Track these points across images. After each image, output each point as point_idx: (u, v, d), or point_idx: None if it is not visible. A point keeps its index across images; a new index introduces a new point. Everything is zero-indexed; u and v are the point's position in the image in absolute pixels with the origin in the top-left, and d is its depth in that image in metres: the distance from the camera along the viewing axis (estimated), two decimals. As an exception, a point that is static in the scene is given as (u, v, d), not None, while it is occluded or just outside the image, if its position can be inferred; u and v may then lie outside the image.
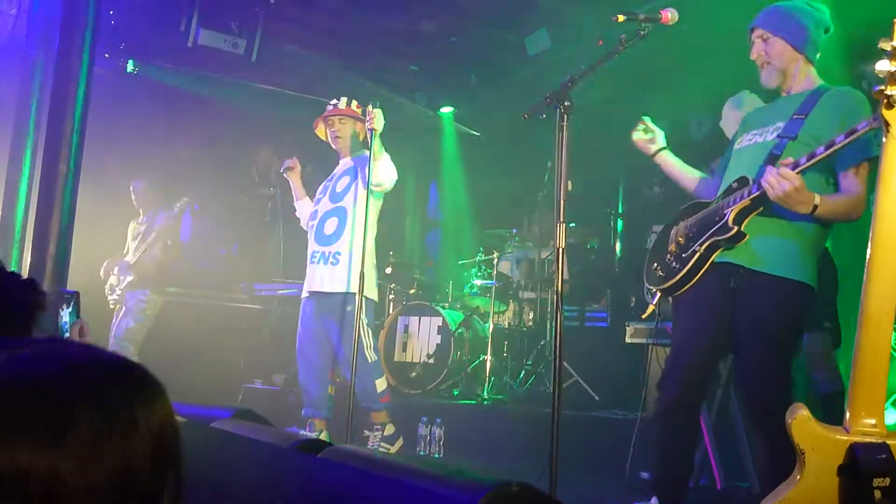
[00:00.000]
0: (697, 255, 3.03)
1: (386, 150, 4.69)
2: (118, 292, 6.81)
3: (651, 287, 3.30)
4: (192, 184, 4.98)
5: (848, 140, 2.58)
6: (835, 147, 2.63)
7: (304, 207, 5.22)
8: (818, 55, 3.14)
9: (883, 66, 2.24)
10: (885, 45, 2.22)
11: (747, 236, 2.93)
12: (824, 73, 3.16)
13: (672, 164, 3.48)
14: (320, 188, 5.13)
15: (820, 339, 3.96)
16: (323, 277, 4.82)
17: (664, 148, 3.48)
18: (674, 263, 3.15)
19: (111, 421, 0.76)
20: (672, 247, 3.22)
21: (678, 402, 3.08)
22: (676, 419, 3.10)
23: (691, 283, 3.06)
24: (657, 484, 3.18)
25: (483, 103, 8.49)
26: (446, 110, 8.93)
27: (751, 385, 2.95)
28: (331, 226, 4.88)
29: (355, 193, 4.87)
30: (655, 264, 3.29)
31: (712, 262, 3.03)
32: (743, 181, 2.98)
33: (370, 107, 4.62)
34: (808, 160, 2.70)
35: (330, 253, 4.83)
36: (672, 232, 3.27)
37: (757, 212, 2.92)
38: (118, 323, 6.70)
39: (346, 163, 5.08)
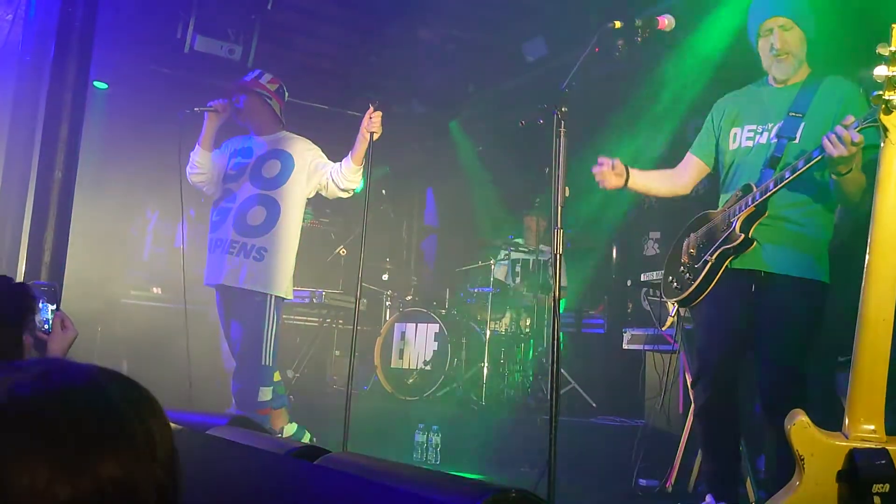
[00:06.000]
0: (709, 264, 3.10)
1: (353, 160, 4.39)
2: None
3: (668, 300, 3.44)
4: (189, 190, 4.93)
5: (805, 167, 2.79)
6: (789, 179, 2.85)
7: (204, 159, 4.63)
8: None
9: (881, 71, 2.24)
10: (884, 51, 2.22)
11: (755, 243, 3.02)
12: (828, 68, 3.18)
13: (644, 181, 3.46)
14: (230, 162, 4.64)
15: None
16: (241, 272, 4.39)
17: (628, 174, 3.43)
18: (687, 275, 3.24)
19: (136, 436, 0.76)
20: (685, 258, 3.30)
21: (712, 402, 3.19)
22: (714, 419, 3.23)
23: (706, 291, 3.14)
24: (710, 482, 3.29)
25: (480, 110, 8.49)
26: (454, 124, 8.91)
27: (768, 379, 3.04)
28: (257, 216, 4.44)
29: (294, 185, 4.48)
30: (670, 277, 3.37)
31: (727, 269, 3.10)
32: (747, 188, 3.06)
33: (370, 108, 4.18)
34: (779, 182, 2.89)
35: (253, 246, 4.39)
36: (683, 244, 3.36)
37: (763, 217, 3.02)
38: None
39: (266, 142, 4.64)
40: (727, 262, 3.10)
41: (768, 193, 2.95)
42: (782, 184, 2.90)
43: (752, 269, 3.07)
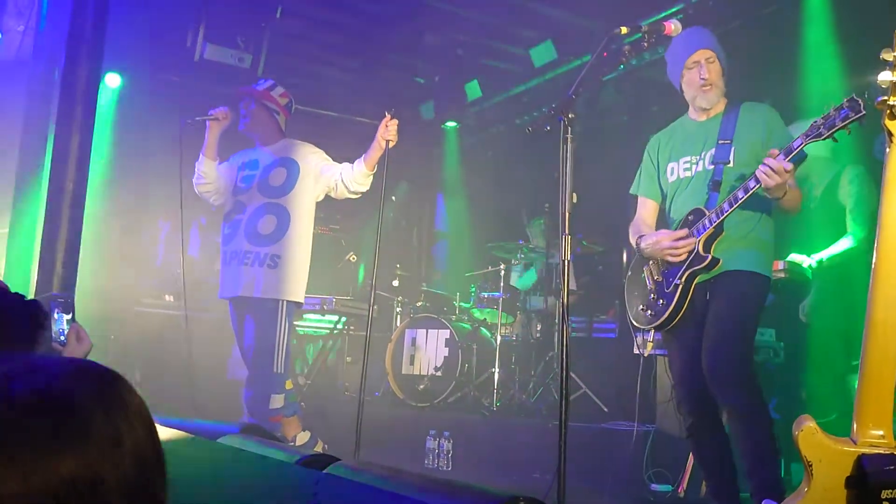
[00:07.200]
0: (680, 287, 3.25)
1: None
2: None
3: (644, 327, 3.52)
4: (196, 198, 4.95)
5: (748, 195, 3.03)
6: (741, 200, 3.06)
7: (208, 168, 4.67)
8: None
9: (885, 76, 2.24)
10: (887, 56, 2.23)
11: (721, 261, 3.19)
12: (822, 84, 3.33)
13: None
14: (239, 175, 4.68)
15: None
16: (257, 282, 4.42)
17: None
18: (660, 301, 3.36)
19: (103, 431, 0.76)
20: (651, 286, 3.43)
21: (698, 425, 3.35)
22: (703, 438, 3.38)
23: (682, 312, 3.28)
24: (713, 495, 3.42)
25: (489, 115, 8.50)
26: (451, 125, 8.93)
27: (713, 359, 3.15)
28: (268, 224, 4.47)
29: (301, 190, 4.52)
30: (641, 306, 3.50)
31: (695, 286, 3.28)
32: (698, 213, 3.26)
33: (387, 115, 4.22)
34: (733, 203, 3.09)
35: (266, 254, 4.43)
36: (644, 271, 3.50)
37: (721, 236, 3.21)
38: None
39: (271, 152, 4.68)
40: (695, 281, 3.25)
41: (724, 215, 3.14)
42: (735, 205, 3.09)
43: (703, 281, 3.24)
